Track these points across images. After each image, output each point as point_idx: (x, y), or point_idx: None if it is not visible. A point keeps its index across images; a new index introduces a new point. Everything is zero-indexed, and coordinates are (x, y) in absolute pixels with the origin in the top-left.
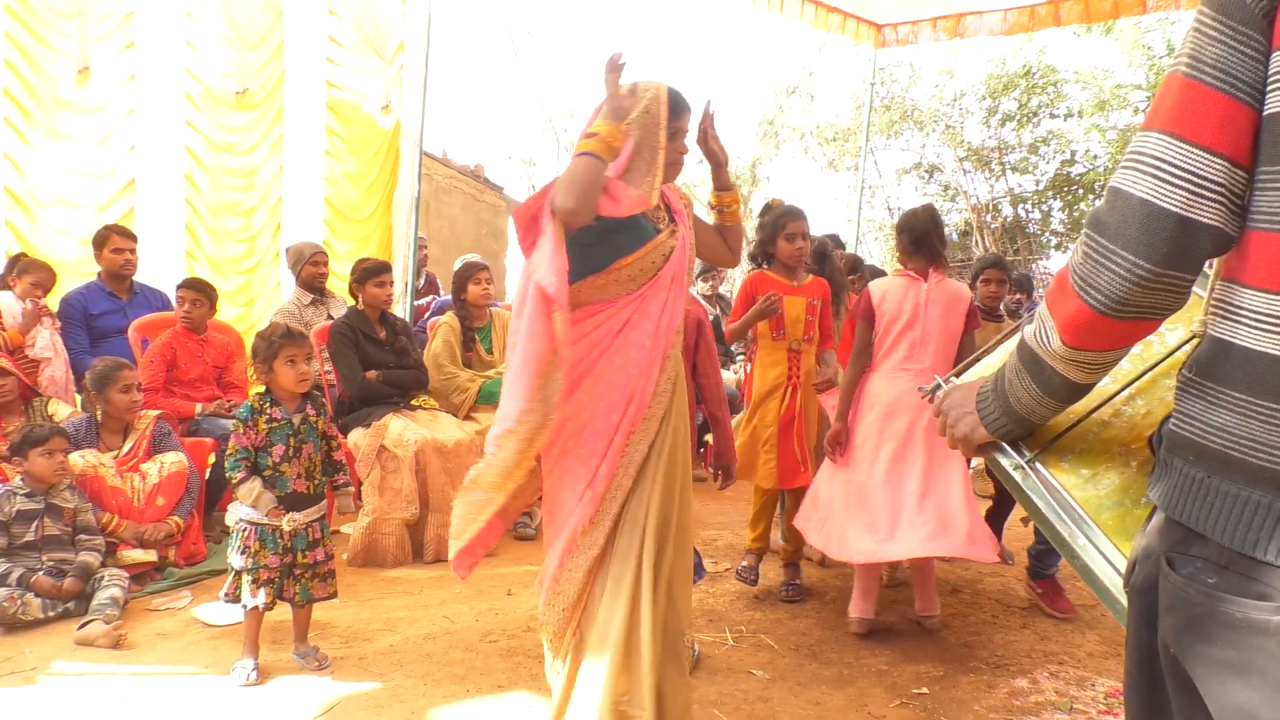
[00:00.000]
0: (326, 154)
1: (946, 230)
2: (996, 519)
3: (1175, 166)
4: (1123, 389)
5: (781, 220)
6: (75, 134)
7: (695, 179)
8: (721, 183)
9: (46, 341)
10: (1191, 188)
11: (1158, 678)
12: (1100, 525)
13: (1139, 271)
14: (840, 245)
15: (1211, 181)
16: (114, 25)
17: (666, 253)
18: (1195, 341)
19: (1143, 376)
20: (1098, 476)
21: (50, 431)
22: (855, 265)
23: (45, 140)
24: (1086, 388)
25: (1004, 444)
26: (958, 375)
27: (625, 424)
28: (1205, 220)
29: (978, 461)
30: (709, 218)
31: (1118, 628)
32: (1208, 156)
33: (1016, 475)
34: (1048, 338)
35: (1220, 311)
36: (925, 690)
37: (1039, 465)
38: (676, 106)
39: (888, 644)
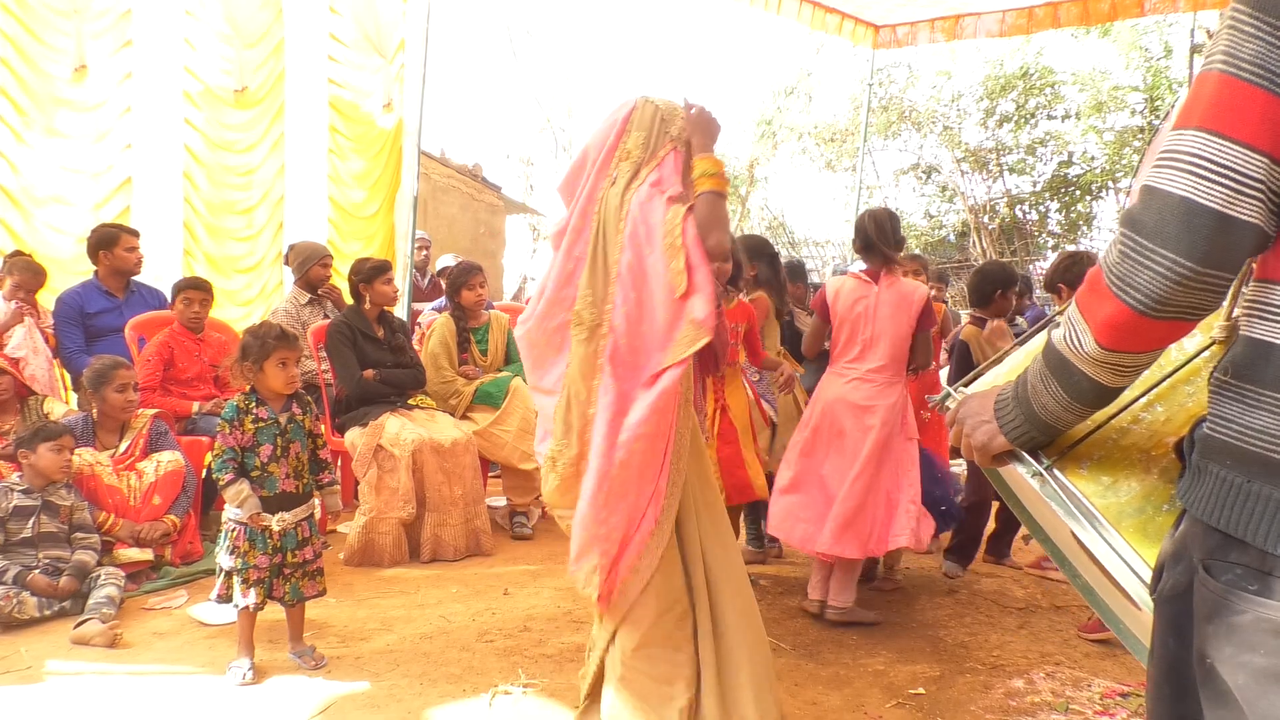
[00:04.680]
0: (330, 153)
1: (944, 231)
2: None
3: (1215, 163)
4: (1141, 395)
5: None
6: (72, 132)
7: None
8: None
9: (20, 340)
10: (1232, 184)
11: (1185, 687)
12: (1122, 532)
13: (1180, 270)
14: (801, 277)
15: (1251, 178)
16: (111, 23)
17: None
18: (1215, 348)
19: (1161, 383)
20: (1118, 484)
21: (62, 429)
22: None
23: (41, 138)
24: (1115, 392)
25: (1022, 452)
26: (966, 385)
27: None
28: (1245, 217)
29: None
30: None
31: None
32: (1248, 153)
33: (1035, 482)
34: (1079, 341)
35: (1257, 313)
36: (922, 690)
37: (1058, 472)
38: None
39: (885, 644)
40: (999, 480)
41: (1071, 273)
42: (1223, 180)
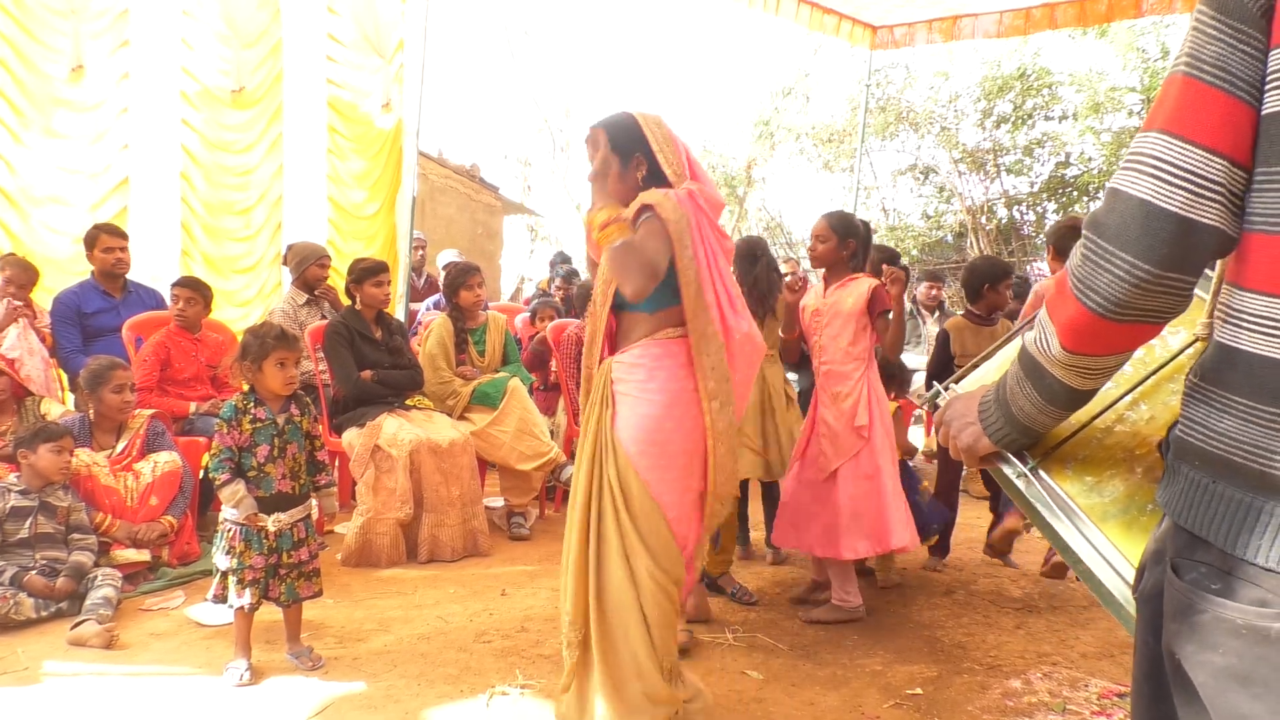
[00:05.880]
0: (329, 153)
1: (941, 232)
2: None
3: (1175, 166)
4: (1125, 394)
5: None
6: (69, 132)
7: None
8: None
9: (14, 340)
10: (1192, 188)
11: (1164, 687)
12: (1105, 532)
13: (1138, 273)
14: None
15: (1212, 181)
16: (109, 23)
17: None
18: (1198, 345)
19: (1145, 381)
20: (1102, 483)
21: (63, 430)
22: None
23: (39, 138)
24: (1088, 395)
25: (1007, 453)
26: (956, 383)
27: None
28: (1206, 221)
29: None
30: None
31: (1111, 628)
32: (1208, 156)
33: (1020, 484)
34: (1048, 343)
35: (1223, 316)
36: (919, 691)
37: (1042, 473)
38: None
39: (882, 645)
40: (1002, 477)
41: (1066, 239)
42: (1183, 183)
